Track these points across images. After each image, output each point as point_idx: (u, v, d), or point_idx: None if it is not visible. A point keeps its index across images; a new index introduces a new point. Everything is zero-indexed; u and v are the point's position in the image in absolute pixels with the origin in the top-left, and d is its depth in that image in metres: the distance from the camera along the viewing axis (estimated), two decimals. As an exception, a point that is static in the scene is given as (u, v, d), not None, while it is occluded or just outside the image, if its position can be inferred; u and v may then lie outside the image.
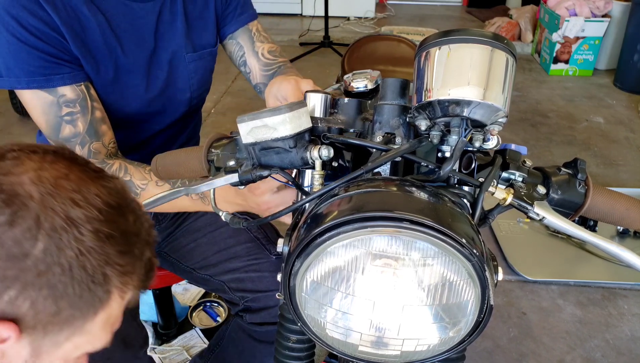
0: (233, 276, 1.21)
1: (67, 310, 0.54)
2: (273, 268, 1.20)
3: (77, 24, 1.01)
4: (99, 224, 0.54)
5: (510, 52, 0.64)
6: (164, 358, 1.78)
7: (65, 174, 0.55)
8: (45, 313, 0.53)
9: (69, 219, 0.52)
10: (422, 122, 0.67)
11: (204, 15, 1.22)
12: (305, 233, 0.60)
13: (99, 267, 0.54)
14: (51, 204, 0.52)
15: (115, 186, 0.59)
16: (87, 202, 0.54)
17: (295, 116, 0.68)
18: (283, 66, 1.26)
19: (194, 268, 1.26)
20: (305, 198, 0.67)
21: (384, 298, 0.60)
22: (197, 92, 1.25)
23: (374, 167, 0.66)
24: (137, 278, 0.60)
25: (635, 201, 0.75)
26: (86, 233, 0.53)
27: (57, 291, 0.52)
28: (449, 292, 0.59)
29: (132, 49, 1.10)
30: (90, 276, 0.54)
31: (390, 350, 0.64)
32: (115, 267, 0.56)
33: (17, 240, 0.51)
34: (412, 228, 0.56)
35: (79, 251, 0.53)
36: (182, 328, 1.90)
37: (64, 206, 0.53)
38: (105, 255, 0.55)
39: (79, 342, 0.57)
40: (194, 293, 2.08)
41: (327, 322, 0.64)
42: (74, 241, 0.52)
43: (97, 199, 0.55)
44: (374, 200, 0.60)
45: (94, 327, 0.57)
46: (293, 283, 0.62)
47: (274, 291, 1.17)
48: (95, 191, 0.56)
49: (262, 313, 1.20)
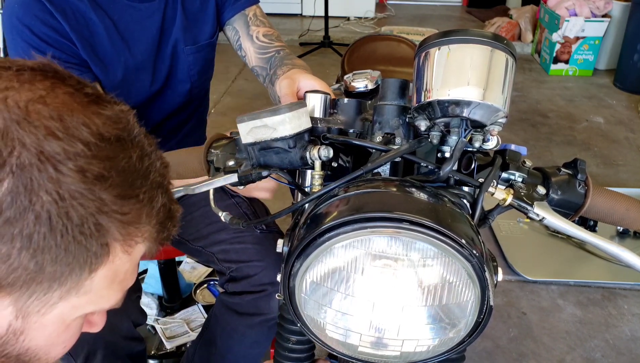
0: (220, 247, 1.27)
1: (51, 265, 0.44)
2: (256, 241, 1.25)
3: (86, 30, 1.07)
4: (85, 161, 0.43)
5: (510, 53, 0.64)
6: (165, 329, 1.88)
7: (41, 97, 0.44)
8: (23, 268, 0.43)
9: (43, 155, 0.42)
10: (421, 122, 0.67)
11: (204, 8, 1.25)
12: (305, 234, 0.60)
13: (89, 215, 0.44)
14: (18, 134, 0.41)
15: (116, 114, 0.48)
16: (67, 133, 0.43)
17: (295, 116, 0.68)
18: (282, 51, 1.27)
19: (188, 240, 1.32)
20: (306, 198, 0.67)
21: (383, 299, 0.60)
22: (197, 82, 1.30)
23: (373, 167, 0.66)
24: (148, 230, 0.50)
25: (635, 202, 0.75)
26: (67, 172, 0.42)
27: (34, 243, 0.42)
28: (448, 293, 0.59)
29: (140, 48, 1.15)
30: (78, 226, 0.44)
31: (389, 350, 0.64)
32: (113, 215, 0.45)
33: None
34: (412, 229, 0.55)
35: (58, 195, 0.42)
36: (186, 304, 2.00)
37: (35, 137, 0.42)
38: (96, 200, 0.44)
39: (77, 302, 0.48)
40: (200, 272, 2.17)
41: (326, 322, 0.64)
42: (50, 182, 0.42)
43: (84, 130, 0.44)
44: (373, 201, 0.60)
45: (94, 285, 0.48)
46: (293, 283, 0.62)
47: (254, 262, 1.23)
48: (83, 119, 0.45)
49: (242, 282, 1.25)
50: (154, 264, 1.90)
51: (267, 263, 1.23)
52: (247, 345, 1.30)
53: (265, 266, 1.23)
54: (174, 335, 1.86)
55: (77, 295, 0.48)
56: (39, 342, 0.50)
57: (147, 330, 1.88)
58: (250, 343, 1.29)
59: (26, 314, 0.47)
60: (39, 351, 0.51)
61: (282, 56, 1.25)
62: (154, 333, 1.87)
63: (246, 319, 1.27)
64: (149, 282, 2.01)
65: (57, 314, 0.48)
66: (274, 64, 1.23)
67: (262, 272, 1.23)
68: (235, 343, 1.30)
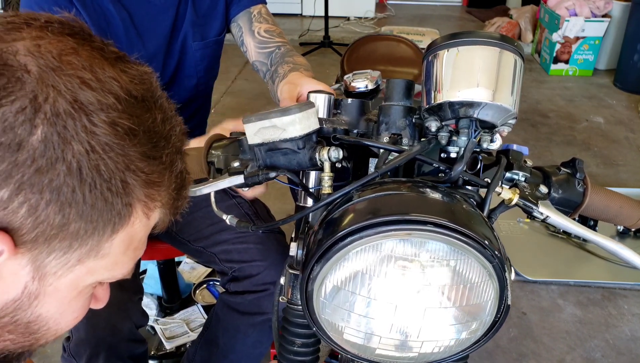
0: (222, 247, 1.28)
1: (76, 221, 0.43)
2: (258, 241, 1.25)
3: (103, 20, 1.10)
4: (117, 115, 0.42)
5: (519, 54, 0.64)
6: (165, 330, 1.88)
7: (74, 49, 0.44)
8: (48, 223, 0.42)
9: (77, 103, 0.41)
10: (432, 123, 0.67)
11: (214, 5, 1.28)
12: (324, 238, 0.59)
13: (117, 171, 0.43)
14: (53, 81, 0.41)
15: (141, 75, 0.47)
16: (101, 85, 0.43)
17: (305, 116, 0.67)
18: (282, 47, 1.27)
19: (189, 240, 1.33)
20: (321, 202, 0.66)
21: (405, 301, 0.60)
22: (203, 78, 1.33)
23: (389, 169, 0.66)
24: (167, 194, 0.49)
25: (629, 200, 0.77)
26: (100, 123, 0.41)
27: (62, 195, 0.41)
28: (469, 293, 0.59)
29: (153, 42, 1.19)
30: (106, 181, 0.42)
31: (407, 352, 0.64)
32: (139, 174, 0.44)
33: (9, 123, 0.39)
34: (432, 231, 0.56)
35: (90, 146, 0.41)
36: (186, 304, 2.00)
37: (70, 85, 0.41)
38: (125, 156, 0.43)
39: (94, 266, 0.47)
40: (200, 272, 2.17)
41: (347, 326, 0.63)
42: (84, 132, 0.41)
43: (114, 83, 0.44)
44: (393, 203, 0.59)
45: (113, 248, 0.47)
46: (311, 287, 0.61)
47: (257, 261, 1.23)
48: (112, 74, 0.44)
49: (244, 281, 1.25)
50: (153, 264, 1.90)
51: (270, 263, 1.23)
52: (250, 345, 1.30)
53: (268, 266, 1.23)
54: (174, 335, 1.86)
55: (95, 258, 0.46)
56: (51, 309, 0.48)
57: (146, 331, 1.88)
58: (253, 342, 1.29)
59: (43, 275, 0.45)
60: (49, 319, 0.49)
61: (282, 52, 1.24)
62: (153, 334, 1.87)
63: (248, 318, 1.27)
64: (148, 282, 2.01)
65: (72, 278, 0.47)
66: (274, 61, 1.23)
67: (265, 271, 1.23)
68: (237, 342, 1.30)
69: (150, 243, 1.45)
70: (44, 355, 1.82)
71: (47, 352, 1.82)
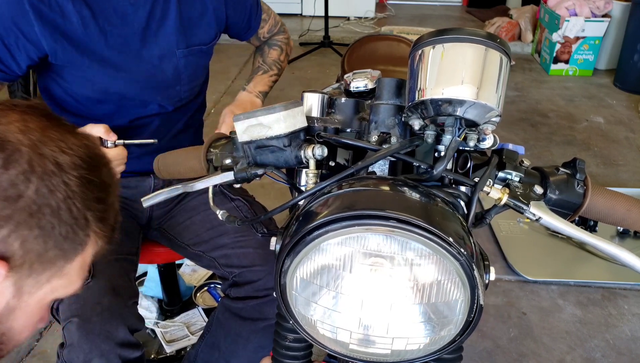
0: (222, 252, 1.27)
1: (52, 250, 0.57)
2: (257, 245, 1.26)
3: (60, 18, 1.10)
4: (83, 170, 0.58)
5: (504, 52, 0.64)
6: (165, 333, 1.87)
7: (48, 125, 0.59)
8: (34, 252, 0.56)
9: (58, 165, 0.56)
10: (415, 121, 0.67)
11: (202, 16, 1.27)
12: (296, 231, 0.60)
13: (82, 210, 0.58)
14: (42, 150, 0.56)
15: (89, 140, 0.62)
16: (72, 150, 0.58)
17: (290, 114, 0.68)
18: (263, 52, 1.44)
19: (188, 244, 1.33)
20: (297, 196, 0.68)
21: (372, 297, 0.60)
22: (187, 85, 1.32)
23: (363, 166, 0.67)
24: (109, 227, 0.63)
25: (636, 202, 0.74)
26: (72, 178, 0.57)
27: (46, 231, 0.55)
28: (437, 291, 0.59)
29: (119, 41, 1.17)
30: (75, 219, 0.57)
31: (380, 348, 0.64)
32: (95, 212, 0.59)
33: (13, 182, 0.54)
34: (400, 227, 0.56)
35: (67, 194, 0.56)
36: (186, 307, 1.99)
37: (53, 152, 0.56)
38: (87, 199, 0.58)
39: (57, 284, 0.60)
40: (201, 274, 2.16)
41: (316, 319, 0.64)
42: (63, 184, 0.56)
43: (79, 149, 0.59)
44: (363, 199, 0.60)
45: (71, 269, 0.60)
46: (284, 280, 0.62)
47: (257, 266, 1.23)
48: (75, 141, 0.59)
49: (245, 287, 1.25)
50: (154, 267, 1.89)
51: (270, 268, 1.22)
52: (252, 350, 1.29)
53: (269, 271, 1.22)
54: (174, 338, 1.85)
55: (59, 278, 0.60)
56: (19, 322, 0.61)
57: (146, 334, 1.86)
58: (255, 348, 1.28)
59: (21, 293, 0.58)
60: (15, 331, 0.61)
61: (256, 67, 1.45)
62: (153, 337, 1.86)
63: (250, 324, 1.26)
64: (148, 285, 1.99)
65: (40, 295, 0.60)
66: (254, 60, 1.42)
67: (266, 277, 1.22)
68: (239, 348, 1.30)
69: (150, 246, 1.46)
70: (43, 355, 1.82)
71: (47, 352, 1.82)
